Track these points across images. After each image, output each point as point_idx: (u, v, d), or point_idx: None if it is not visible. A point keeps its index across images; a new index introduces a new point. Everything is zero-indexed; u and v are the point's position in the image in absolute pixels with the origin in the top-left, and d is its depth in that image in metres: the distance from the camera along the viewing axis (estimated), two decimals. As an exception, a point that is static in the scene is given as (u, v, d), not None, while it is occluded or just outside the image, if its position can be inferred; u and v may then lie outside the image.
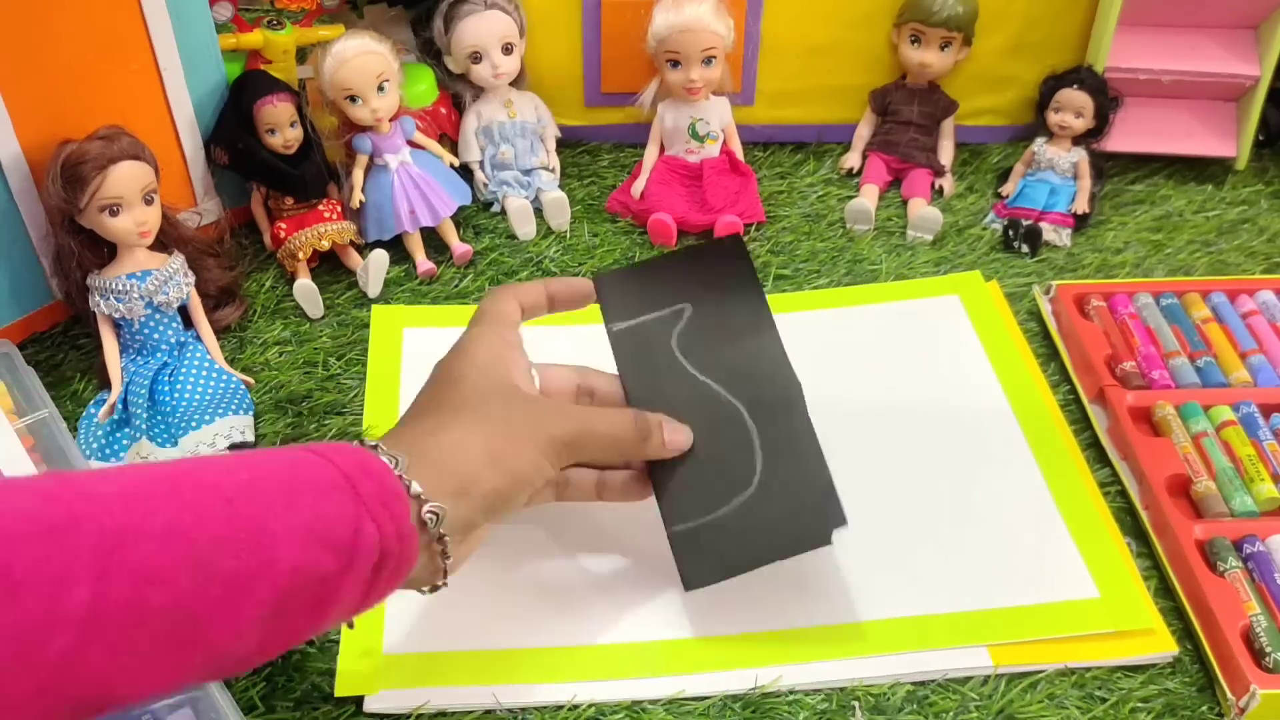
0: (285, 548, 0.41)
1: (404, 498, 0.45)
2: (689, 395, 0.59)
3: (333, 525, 0.42)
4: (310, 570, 0.42)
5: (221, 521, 0.40)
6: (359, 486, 0.44)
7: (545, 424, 0.52)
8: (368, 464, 0.45)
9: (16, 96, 0.70)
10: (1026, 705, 0.58)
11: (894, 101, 0.92)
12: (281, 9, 0.88)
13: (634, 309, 0.62)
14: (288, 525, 0.41)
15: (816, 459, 0.58)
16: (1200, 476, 0.67)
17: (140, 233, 0.71)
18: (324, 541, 0.42)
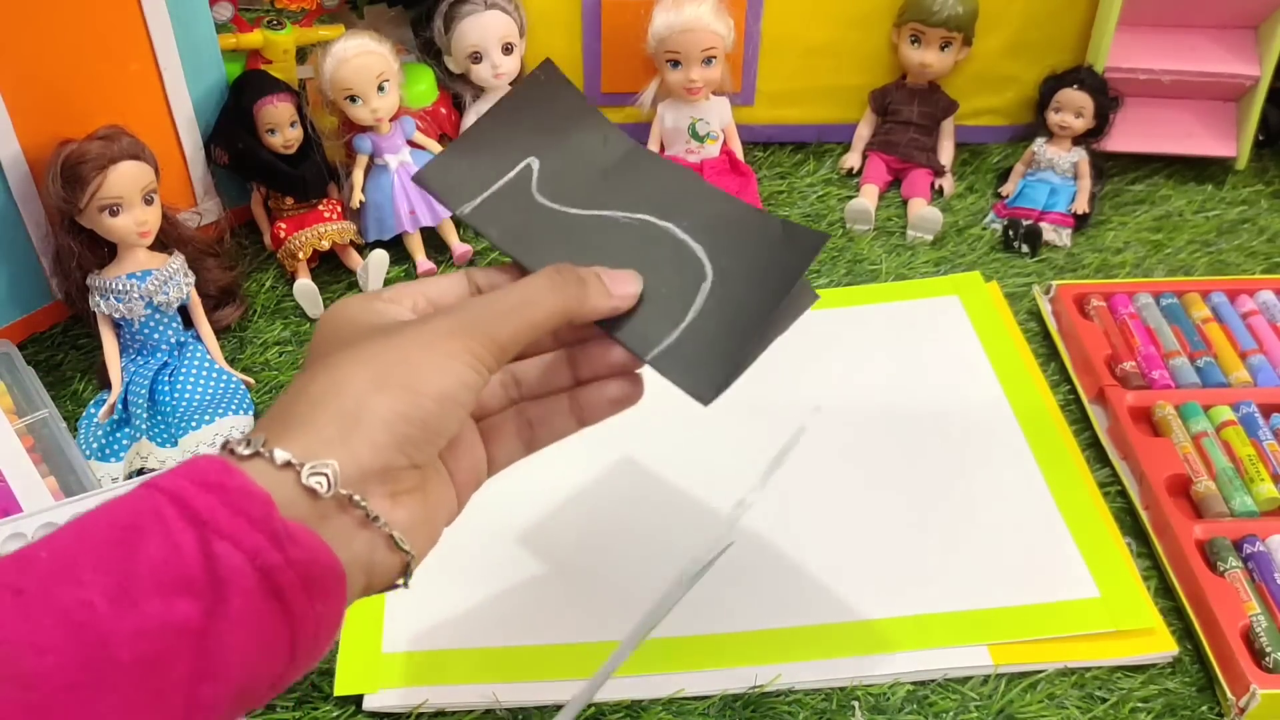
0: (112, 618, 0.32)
1: (261, 495, 0.35)
2: (588, 235, 0.50)
3: (168, 564, 0.33)
4: (162, 628, 0.32)
5: (15, 620, 0.32)
6: (194, 504, 0.34)
7: (441, 324, 0.41)
8: (204, 472, 0.35)
9: (16, 96, 0.70)
10: (1026, 705, 0.58)
11: (894, 101, 0.92)
12: (281, 9, 0.88)
13: (475, 185, 0.51)
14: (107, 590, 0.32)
15: (749, 211, 0.50)
16: (1200, 476, 0.67)
17: (140, 233, 0.72)
18: (165, 588, 0.33)
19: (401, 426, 0.38)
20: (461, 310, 0.41)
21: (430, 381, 0.39)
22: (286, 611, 0.35)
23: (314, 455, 0.36)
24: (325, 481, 0.36)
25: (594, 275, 0.44)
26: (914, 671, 0.59)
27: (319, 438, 0.37)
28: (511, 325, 0.41)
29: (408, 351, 0.39)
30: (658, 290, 0.47)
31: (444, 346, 0.39)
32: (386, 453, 0.38)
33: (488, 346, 0.40)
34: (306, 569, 0.35)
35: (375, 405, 0.38)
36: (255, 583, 0.34)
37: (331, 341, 0.41)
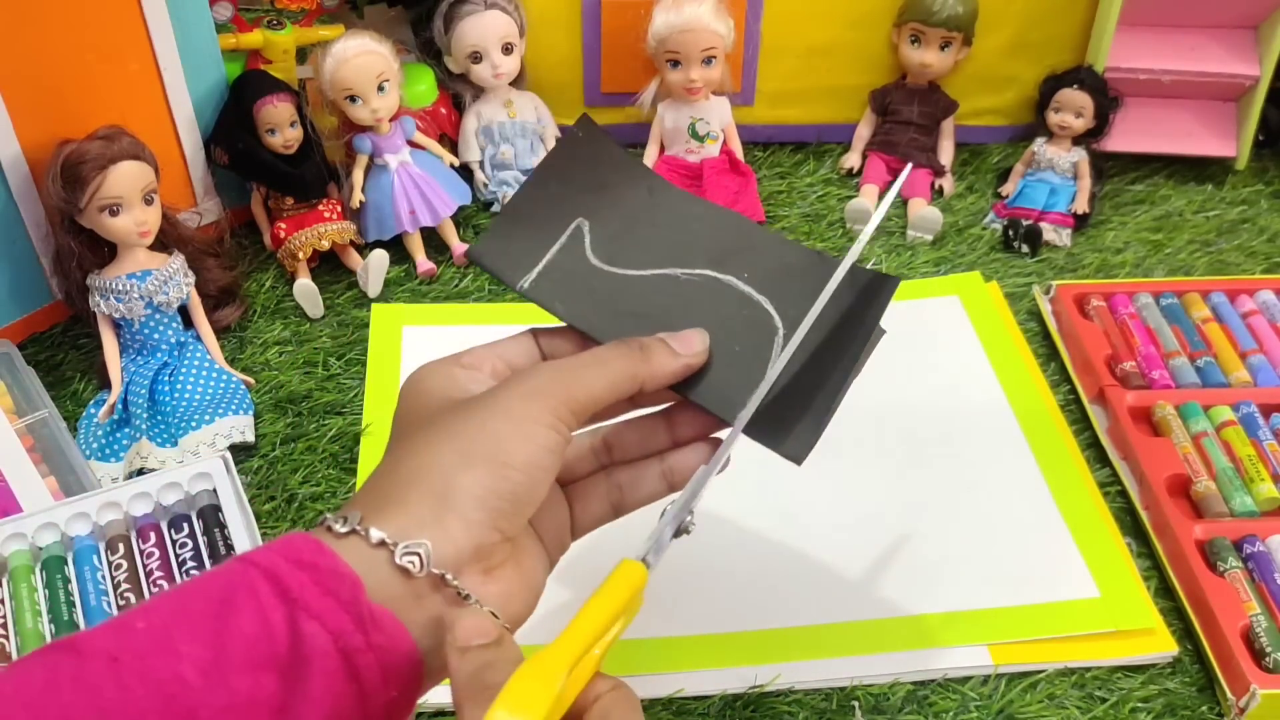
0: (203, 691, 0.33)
1: (350, 577, 0.36)
2: (651, 298, 0.49)
3: (259, 640, 0.34)
4: (249, 703, 0.34)
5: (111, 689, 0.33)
6: (287, 580, 0.35)
7: (517, 389, 0.41)
8: (298, 550, 0.36)
9: (16, 96, 0.70)
10: (1026, 705, 0.58)
11: (894, 101, 0.92)
12: (281, 9, 0.88)
13: (528, 256, 0.51)
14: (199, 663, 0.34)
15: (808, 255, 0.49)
16: (1200, 476, 0.67)
17: (140, 233, 0.71)
18: (254, 664, 0.34)
19: (493, 501, 0.39)
20: (535, 375, 0.42)
21: (515, 452, 0.39)
22: (362, 694, 0.35)
23: (407, 535, 0.37)
24: (418, 561, 0.37)
25: (657, 340, 0.45)
26: (914, 671, 0.59)
27: (412, 518, 0.38)
28: (585, 386, 0.42)
29: (490, 423, 0.40)
30: (730, 348, 0.47)
31: (523, 412, 0.40)
32: (479, 530, 0.38)
33: (568, 405, 0.41)
34: (386, 654, 0.36)
35: (464, 483, 0.38)
36: (337, 664, 0.35)
37: (414, 415, 0.43)
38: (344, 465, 0.70)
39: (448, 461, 0.39)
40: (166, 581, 0.60)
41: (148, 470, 0.68)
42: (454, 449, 0.39)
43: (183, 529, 0.62)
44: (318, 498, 0.68)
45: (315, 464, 0.70)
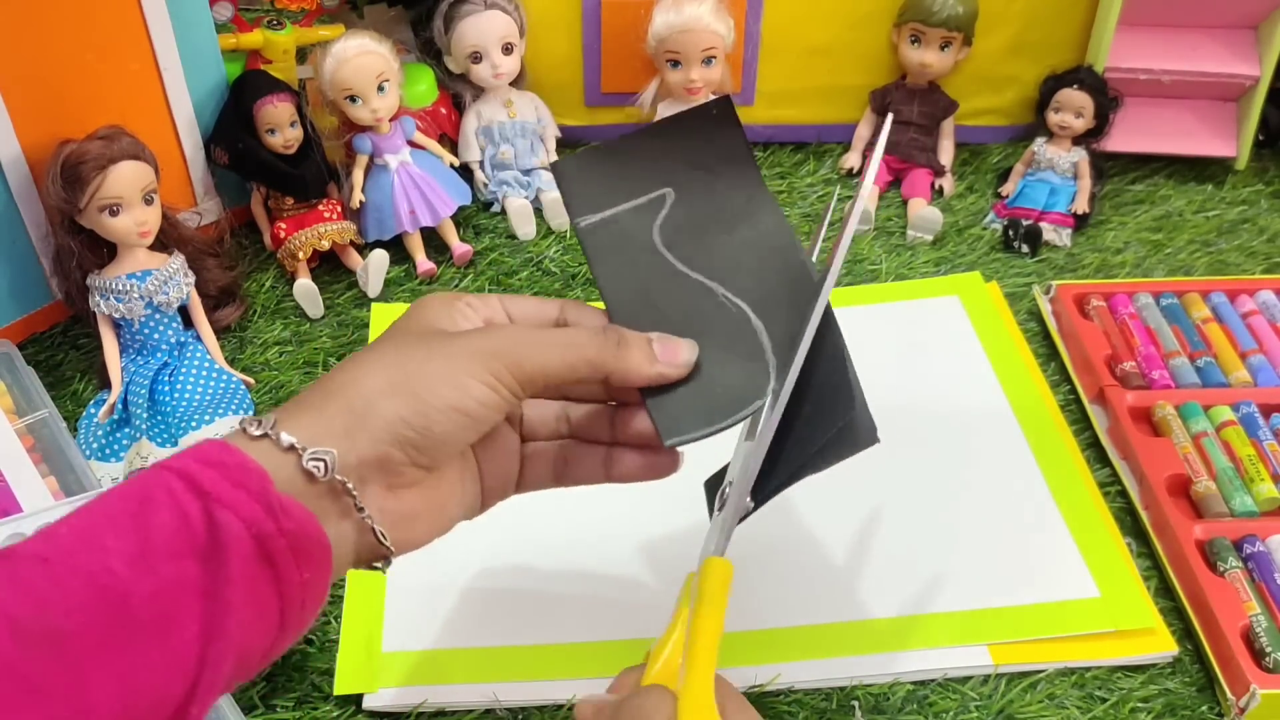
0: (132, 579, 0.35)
1: (257, 470, 0.38)
2: (681, 297, 0.48)
3: (179, 531, 0.37)
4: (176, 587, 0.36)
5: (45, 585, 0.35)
6: (198, 478, 0.37)
7: (472, 343, 0.43)
8: (206, 452, 0.39)
9: (16, 96, 0.70)
10: (1026, 705, 0.58)
11: (894, 101, 0.92)
12: (281, 9, 0.88)
13: (604, 198, 0.50)
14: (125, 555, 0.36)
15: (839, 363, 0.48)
16: (1200, 476, 0.67)
17: (140, 233, 0.72)
18: (176, 553, 0.36)
19: (403, 429, 0.41)
20: (497, 333, 0.44)
21: (440, 395, 0.41)
22: (277, 578, 0.38)
23: (317, 442, 0.40)
24: (323, 467, 0.39)
25: (642, 339, 0.45)
26: (914, 671, 0.59)
27: (326, 428, 0.40)
28: (540, 360, 0.43)
29: (431, 363, 0.42)
30: (714, 382, 0.46)
31: (465, 364, 0.42)
32: (384, 447, 0.41)
33: (513, 371, 0.42)
34: (296, 539, 0.38)
35: (382, 407, 0.41)
36: (251, 549, 0.37)
37: (391, 333, 0.45)
38: (344, 465, 0.70)
39: (376, 385, 0.41)
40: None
41: (148, 470, 0.68)
42: (388, 376, 0.41)
43: (183, 529, 0.62)
44: (318, 498, 0.68)
45: (315, 464, 0.70)
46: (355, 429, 0.40)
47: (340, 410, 0.40)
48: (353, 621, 0.61)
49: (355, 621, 0.61)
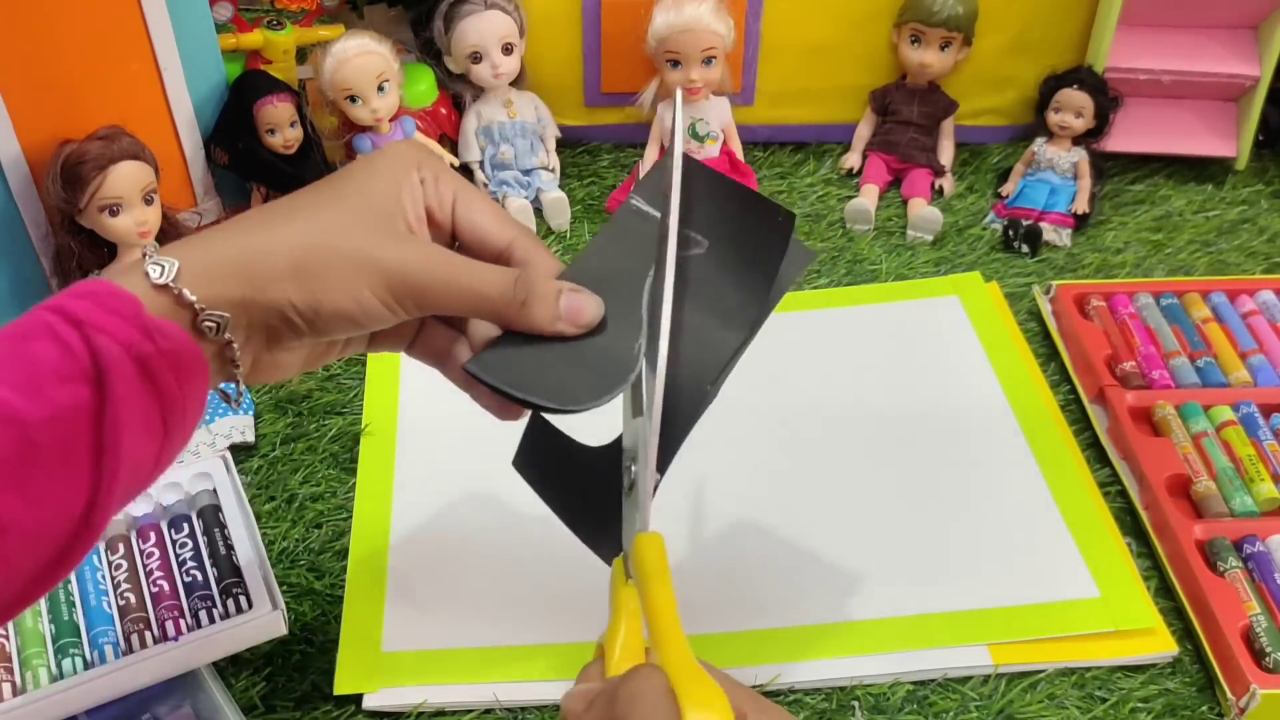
0: (26, 405, 0.37)
1: (129, 297, 0.40)
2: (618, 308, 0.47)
3: (62, 359, 0.38)
4: (71, 411, 0.38)
5: None
6: (72, 308, 0.39)
7: (384, 252, 0.43)
8: (78, 287, 0.40)
9: (16, 96, 0.70)
10: (1026, 705, 0.58)
11: (894, 101, 0.92)
12: (281, 9, 0.88)
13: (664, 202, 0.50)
14: (14, 383, 0.38)
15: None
16: (1200, 476, 0.67)
17: (140, 233, 0.72)
18: (63, 378, 0.38)
19: (291, 313, 0.43)
20: (413, 251, 0.44)
21: (334, 298, 0.43)
22: (159, 393, 0.40)
23: (213, 304, 0.42)
24: (214, 329, 0.42)
25: (554, 296, 0.45)
26: (914, 671, 0.59)
27: (223, 292, 0.42)
28: (442, 292, 0.44)
29: (338, 260, 0.43)
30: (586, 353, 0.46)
31: (368, 277, 0.43)
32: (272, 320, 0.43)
33: (411, 294, 0.44)
34: (173, 357, 0.40)
35: (279, 289, 0.42)
36: (133, 370, 0.39)
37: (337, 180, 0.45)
38: (344, 465, 0.70)
39: (280, 264, 0.42)
40: (166, 581, 0.60)
41: (148, 470, 0.68)
42: (293, 256, 0.42)
43: (183, 529, 0.62)
44: (318, 498, 0.68)
45: (315, 464, 0.70)
46: (249, 301, 0.42)
47: (241, 277, 0.42)
48: (353, 621, 0.61)
49: (355, 621, 0.61)
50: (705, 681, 0.37)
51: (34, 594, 0.40)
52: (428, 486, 0.68)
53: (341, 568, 0.64)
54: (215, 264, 0.42)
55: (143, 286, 0.41)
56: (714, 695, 0.36)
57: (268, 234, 0.43)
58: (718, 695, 0.36)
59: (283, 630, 0.58)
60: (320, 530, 0.66)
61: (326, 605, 0.63)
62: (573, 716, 0.40)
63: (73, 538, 0.39)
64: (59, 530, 0.39)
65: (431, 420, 0.72)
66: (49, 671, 0.56)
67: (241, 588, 0.59)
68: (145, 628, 0.57)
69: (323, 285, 0.42)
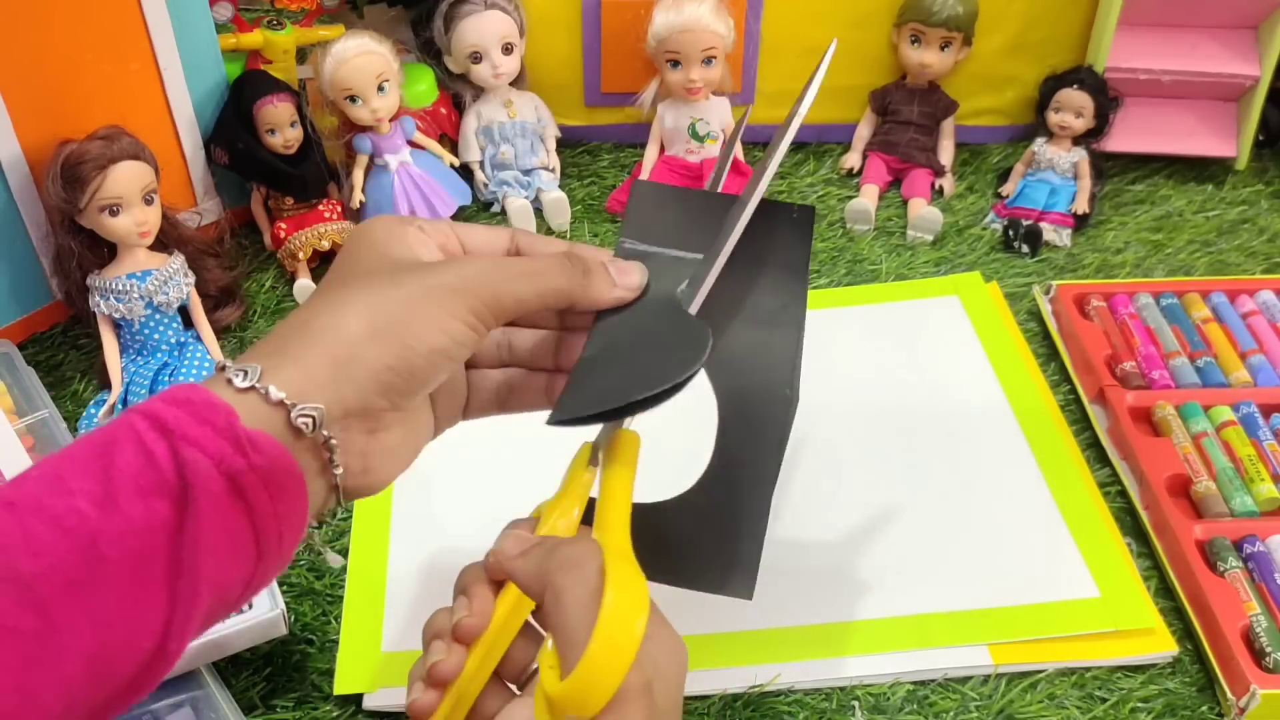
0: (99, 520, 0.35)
1: (223, 407, 0.38)
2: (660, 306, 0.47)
3: (145, 470, 0.36)
4: (145, 528, 0.36)
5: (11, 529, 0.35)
6: (163, 417, 0.37)
7: (444, 279, 0.42)
8: (172, 393, 0.38)
9: (16, 96, 0.70)
10: (1026, 705, 0.58)
11: (894, 101, 0.92)
12: (281, 9, 0.88)
13: (657, 234, 0.50)
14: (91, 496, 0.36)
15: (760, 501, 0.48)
16: (1200, 476, 0.67)
17: (140, 233, 0.72)
18: (143, 492, 0.36)
19: (388, 377, 0.40)
20: (471, 265, 0.43)
21: (424, 339, 0.41)
22: (250, 511, 0.37)
23: (304, 396, 0.39)
24: (311, 424, 0.39)
25: (601, 265, 0.46)
26: (914, 671, 0.59)
27: (310, 378, 0.39)
28: (516, 291, 0.43)
29: (410, 304, 0.41)
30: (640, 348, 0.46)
31: (446, 304, 0.41)
32: (370, 397, 0.40)
33: (489, 306, 0.42)
34: (267, 472, 0.37)
35: (366, 355, 0.40)
36: (221, 485, 0.37)
37: (352, 264, 0.43)
38: (344, 465, 0.70)
39: (357, 330, 0.40)
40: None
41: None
42: (366, 318, 0.40)
43: (183, 529, 0.62)
44: (318, 498, 0.68)
45: (315, 464, 0.70)
46: (340, 379, 0.40)
47: (323, 359, 0.40)
48: (353, 621, 0.61)
49: (355, 621, 0.61)
50: (635, 570, 0.38)
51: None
52: (428, 486, 0.68)
53: (341, 568, 0.64)
54: (294, 360, 0.40)
55: (228, 393, 0.38)
56: (638, 584, 0.37)
57: (330, 317, 0.41)
58: (641, 585, 0.37)
59: (283, 630, 0.58)
60: (320, 530, 0.66)
61: (326, 605, 0.63)
62: (504, 555, 0.41)
63: (143, 667, 0.36)
64: (129, 656, 0.36)
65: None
66: (49, 671, 0.56)
67: (241, 588, 0.59)
68: (145, 628, 0.57)
69: (406, 331, 0.40)
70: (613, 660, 0.36)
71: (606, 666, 0.35)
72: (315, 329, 0.40)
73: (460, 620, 0.43)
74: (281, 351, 0.40)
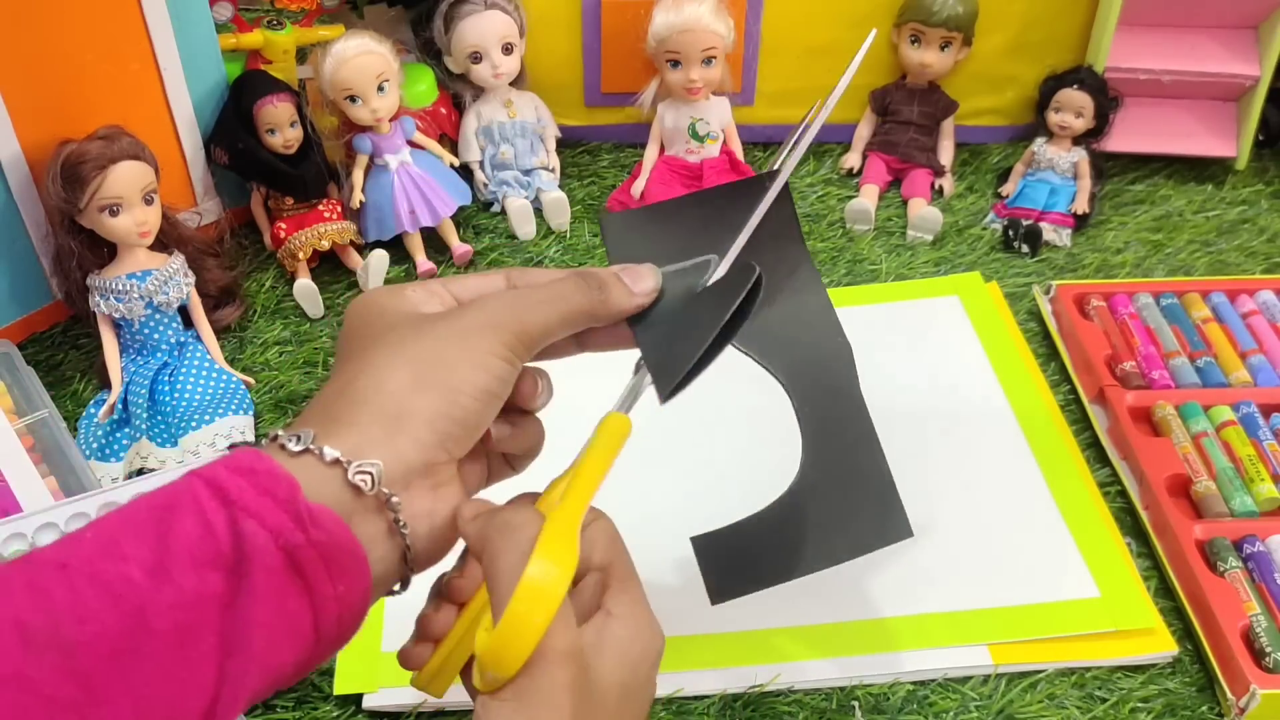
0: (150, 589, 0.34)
1: (286, 478, 0.37)
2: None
3: (202, 540, 0.35)
4: (196, 600, 0.35)
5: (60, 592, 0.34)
6: (226, 486, 0.36)
7: (474, 317, 0.42)
8: (238, 460, 0.37)
9: (16, 96, 0.70)
10: (1026, 705, 0.58)
11: (894, 101, 0.92)
12: (281, 9, 0.88)
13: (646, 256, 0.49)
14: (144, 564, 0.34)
15: (870, 448, 0.49)
16: (1200, 476, 0.67)
17: (140, 233, 0.72)
18: (198, 563, 0.35)
19: (443, 425, 0.40)
20: (493, 302, 0.43)
21: (469, 380, 0.40)
22: (308, 590, 0.36)
23: (360, 454, 0.38)
24: (370, 480, 0.38)
25: (614, 275, 0.46)
26: (914, 671, 0.59)
27: (365, 437, 0.38)
28: (542, 318, 0.43)
29: (444, 348, 0.41)
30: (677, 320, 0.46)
31: (479, 342, 0.41)
32: (430, 451, 0.39)
33: (520, 338, 0.42)
34: (327, 549, 0.36)
35: (417, 405, 0.39)
36: (279, 561, 0.36)
37: (363, 333, 0.43)
38: (344, 465, 0.70)
39: (400, 383, 0.40)
40: (167, 582, 0.60)
41: (148, 470, 0.68)
42: (408, 371, 0.40)
43: (183, 529, 0.62)
44: (318, 498, 0.68)
45: (315, 464, 0.70)
46: (395, 434, 0.39)
47: (374, 417, 0.39)
48: (353, 621, 0.61)
49: (355, 621, 0.61)
50: (568, 543, 0.38)
51: None
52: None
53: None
54: (344, 424, 0.39)
55: (284, 459, 0.38)
56: (566, 556, 0.38)
57: (365, 378, 0.40)
58: (569, 557, 0.38)
59: (283, 630, 0.58)
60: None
61: (326, 605, 0.63)
62: (460, 517, 0.41)
63: None
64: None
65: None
66: (49, 671, 0.56)
67: (241, 588, 0.59)
68: (145, 628, 0.57)
69: (451, 375, 0.40)
70: (529, 619, 0.36)
71: (523, 624, 0.36)
72: (358, 390, 0.40)
73: (449, 579, 0.43)
74: (330, 418, 0.39)
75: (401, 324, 0.42)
